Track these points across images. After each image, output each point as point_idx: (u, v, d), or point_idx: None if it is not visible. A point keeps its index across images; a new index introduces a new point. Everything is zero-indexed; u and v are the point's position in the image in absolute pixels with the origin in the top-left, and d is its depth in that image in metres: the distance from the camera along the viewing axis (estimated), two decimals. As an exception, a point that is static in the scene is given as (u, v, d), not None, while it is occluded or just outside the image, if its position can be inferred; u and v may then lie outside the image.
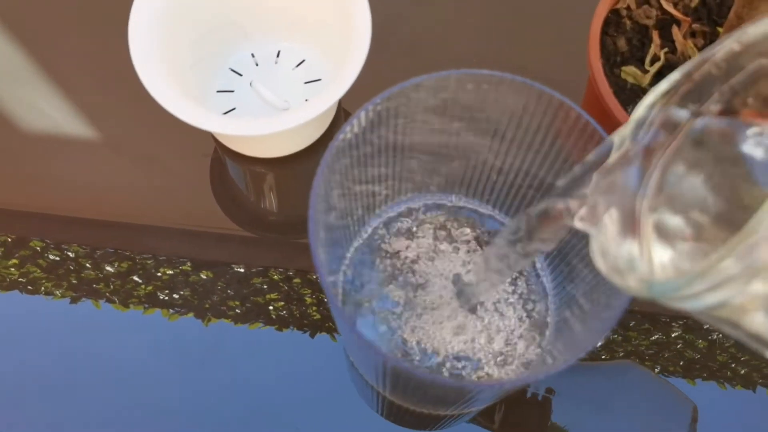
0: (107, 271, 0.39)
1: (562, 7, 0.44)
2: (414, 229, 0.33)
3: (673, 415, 0.31)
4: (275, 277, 0.39)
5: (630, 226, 0.19)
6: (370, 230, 0.33)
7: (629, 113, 0.30)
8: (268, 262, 0.40)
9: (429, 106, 0.26)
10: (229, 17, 0.40)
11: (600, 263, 0.18)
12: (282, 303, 0.38)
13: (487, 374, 0.29)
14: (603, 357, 0.37)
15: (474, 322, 0.31)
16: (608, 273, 0.18)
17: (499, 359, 0.30)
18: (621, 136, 0.20)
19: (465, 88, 0.26)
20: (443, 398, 0.26)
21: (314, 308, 0.38)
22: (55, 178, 0.42)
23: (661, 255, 0.18)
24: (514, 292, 0.32)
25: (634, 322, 0.38)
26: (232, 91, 0.40)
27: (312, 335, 0.37)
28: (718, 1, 0.33)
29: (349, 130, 0.25)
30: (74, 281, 0.39)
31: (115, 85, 0.43)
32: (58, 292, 0.39)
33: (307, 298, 0.38)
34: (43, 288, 0.39)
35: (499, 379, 0.29)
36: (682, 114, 0.19)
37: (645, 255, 0.18)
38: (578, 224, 0.20)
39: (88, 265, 0.40)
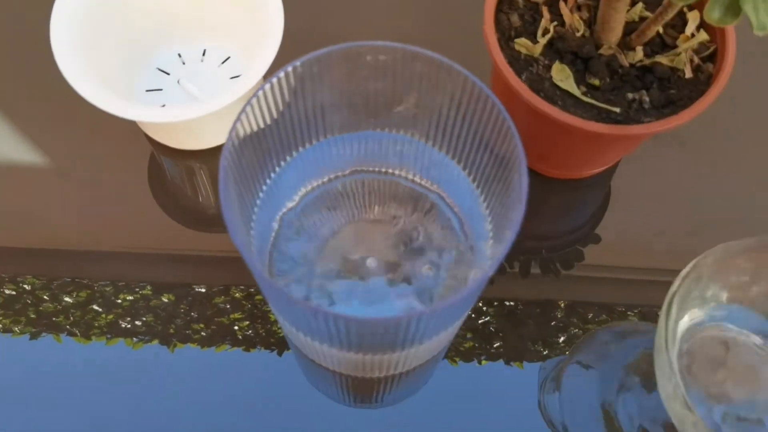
0: (66, 302, 0.39)
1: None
2: (332, 200, 0.32)
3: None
4: (237, 295, 0.39)
5: None
6: (285, 209, 0.31)
7: (523, 80, 0.33)
8: (228, 280, 0.39)
9: (340, 75, 0.26)
10: (155, 19, 0.41)
11: None
12: (247, 322, 0.38)
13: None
14: (562, 345, 0.38)
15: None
16: None
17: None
18: None
19: (377, 59, 0.26)
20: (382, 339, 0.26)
21: (278, 325, 0.38)
22: (2, 210, 0.41)
23: None
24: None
25: (591, 314, 0.39)
26: (161, 90, 0.42)
27: (279, 353, 0.38)
28: None
29: (254, 103, 0.24)
30: (33, 315, 0.38)
31: (51, 108, 0.42)
32: (17, 328, 0.38)
33: (271, 315, 0.38)
34: (0, 325, 0.38)
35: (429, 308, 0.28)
36: None
37: None
38: None
39: (45, 297, 0.39)
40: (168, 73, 0.42)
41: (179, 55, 0.43)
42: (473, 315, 0.39)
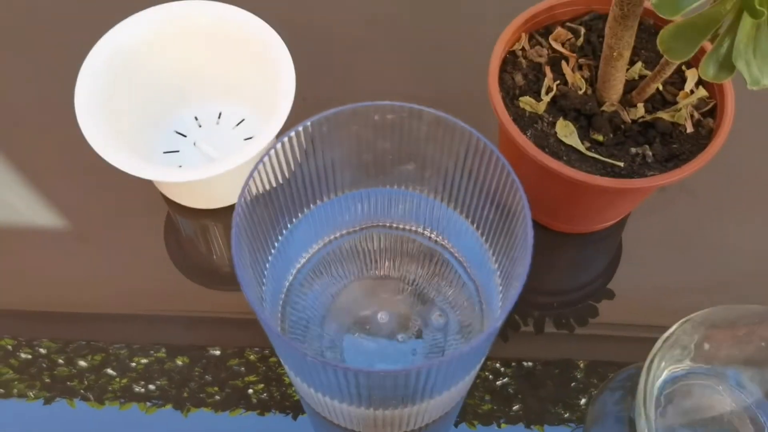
0: (80, 365, 0.39)
1: (468, 53, 0.48)
2: (342, 256, 0.32)
3: None
4: (251, 357, 0.39)
5: None
6: (297, 265, 0.31)
7: (528, 137, 0.34)
8: (243, 341, 0.39)
9: (349, 134, 0.27)
10: (173, 84, 0.43)
11: None
12: (261, 385, 0.38)
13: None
14: (583, 407, 0.37)
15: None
16: None
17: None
18: None
19: (385, 118, 0.27)
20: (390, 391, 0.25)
21: (293, 388, 0.38)
22: (20, 272, 0.42)
23: None
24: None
25: (611, 374, 0.39)
26: (178, 151, 0.43)
27: (294, 417, 0.37)
28: (600, 39, 0.37)
29: (266, 161, 0.25)
30: (47, 380, 0.38)
31: (69, 169, 0.44)
32: (31, 393, 0.38)
33: (285, 378, 0.38)
34: (15, 390, 0.38)
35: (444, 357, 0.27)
36: None
37: None
38: None
39: (60, 360, 0.39)
40: (185, 136, 0.44)
41: (196, 118, 0.44)
42: (491, 376, 0.39)
